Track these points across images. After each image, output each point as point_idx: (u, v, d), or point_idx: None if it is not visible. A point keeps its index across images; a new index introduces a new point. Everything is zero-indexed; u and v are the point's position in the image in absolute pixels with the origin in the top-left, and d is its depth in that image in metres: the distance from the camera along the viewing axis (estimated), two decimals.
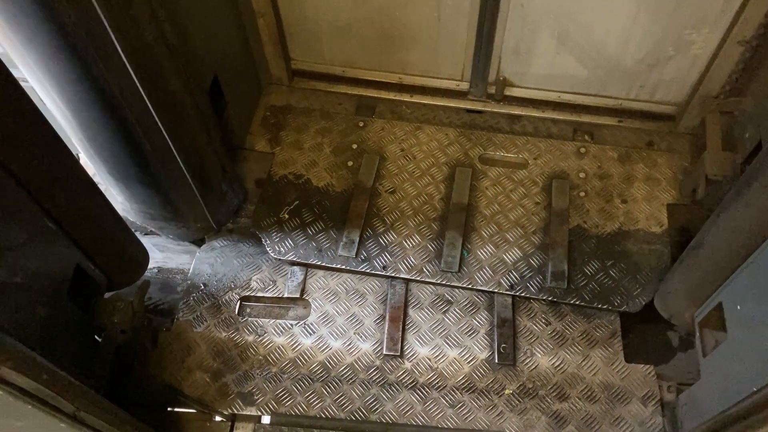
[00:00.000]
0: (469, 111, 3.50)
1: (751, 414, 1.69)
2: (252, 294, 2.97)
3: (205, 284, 3.00)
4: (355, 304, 2.92)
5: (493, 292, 2.90)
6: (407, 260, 2.97)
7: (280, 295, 2.96)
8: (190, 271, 3.05)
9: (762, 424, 1.62)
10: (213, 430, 2.65)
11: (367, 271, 2.95)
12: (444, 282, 2.91)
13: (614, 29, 2.96)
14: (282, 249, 3.00)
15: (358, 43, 3.34)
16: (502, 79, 3.36)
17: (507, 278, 2.90)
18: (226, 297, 2.95)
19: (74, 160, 2.26)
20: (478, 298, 2.92)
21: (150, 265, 2.90)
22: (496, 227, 3.06)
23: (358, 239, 3.01)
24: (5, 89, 1.87)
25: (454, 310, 2.89)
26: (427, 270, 2.93)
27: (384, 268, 2.95)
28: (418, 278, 2.92)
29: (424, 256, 2.98)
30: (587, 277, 2.88)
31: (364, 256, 2.98)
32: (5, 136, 1.88)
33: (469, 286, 2.89)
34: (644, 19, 2.87)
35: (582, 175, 3.22)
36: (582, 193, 3.15)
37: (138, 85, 2.12)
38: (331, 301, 2.93)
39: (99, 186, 2.41)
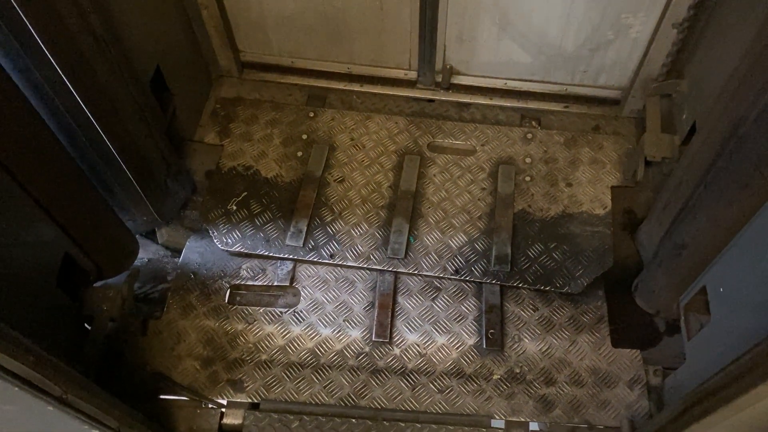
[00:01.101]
0: (418, 99, 3.53)
1: (726, 386, 1.73)
2: (242, 282, 2.97)
3: (194, 273, 3.00)
4: (344, 291, 2.94)
5: (439, 277, 2.92)
6: (354, 248, 2.98)
7: (270, 284, 2.97)
8: (180, 260, 3.05)
9: (737, 394, 1.66)
10: (203, 417, 2.65)
11: (315, 259, 2.96)
12: (390, 269, 2.93)
13: (553, 14, 2.99)
14: (229, 240, 3.00)
15: (304, 34, 3.35)
16: (448, 67, 3.39)
17: (452, 263, 2.93)
18: (216, 285, 2.96)
19: (62, 148, 2.27)
20: (466, 285, 2.94)
21: (140, 255, 2.92)
22: (442, 213, 3.09)
23: (305, 229, 3.02)
24: None
25: (443, 296, 2.92)
26: (374, 257, 2.95)
27: (331, 256, 2.97)
28: (365, 266, 2.94)
29: (372, 244, 3.00)
30: (530, 260, 2.92)
31: (312, 245, 2.99)
32: None
33: (415, 272, 2.92)
34: (581, 3, 2.91)
35: (528, 160, 3.25)
36: (528, 178, 3.19)
37: (64, 78, 2.11)
38: (320, 288, 2.94)
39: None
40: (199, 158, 3.33)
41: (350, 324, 2.85)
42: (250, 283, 2.98)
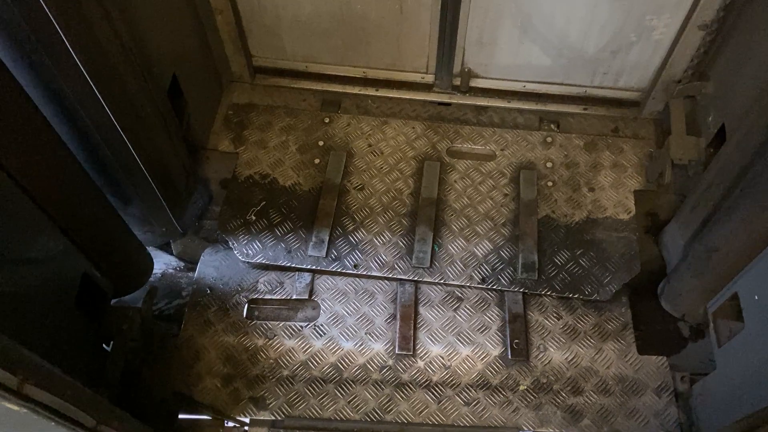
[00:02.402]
0: (435, 103, 3.47)
1: None
2: (259, 297, 2.92)
3: (211, 288, 2.94)
4: (364, 303, 2.89)
5: (465, 286, 2.88)
6: (378, 258, 2.93)
7: (289, 297, 2.91)
8: (195, 274, 2.99)
9: None
10: None
11: (339, 270, 2.91)
12: (416, 278, 2.88)
13: (576, 17, 2.95)
14: (250, 251, 2.94)
15: (320, 38, 3.28)
16: (467, 70, 3.34)
17: (478, 272, 2.89)
18: (234, 300, 2.90)
19: (80, 168, 2.22)
20: (488, 294, 2.90)
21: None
22: (466, 220, 3.04)
23: (327, 238, 2.97)
24: (12, 100, 1.83)
25: (465, 307, 2.87)
26: (399, 267, 2.90)
27: (355, 266, 2.91)
28: (389, 275, 2.89)
29: (396, 253, 2.95)
30: (557, 267, 2.89)
31: (335, 255, 2.94)
32: (11, 144, 1.84)
33: (441, 281, 2.87)
34: (605, 5, 2.86)
35: (549, 164, 3.22)
36: (550, 183, 3.15)
37: (94, 88, 2.04)
38: (340, 301, 2.89)
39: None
40: (213, 166, 3.26)
41: (372, 337, 2.81)
42: (268, 297, 2.92)
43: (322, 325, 2.83)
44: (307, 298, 2.90)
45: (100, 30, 2.04)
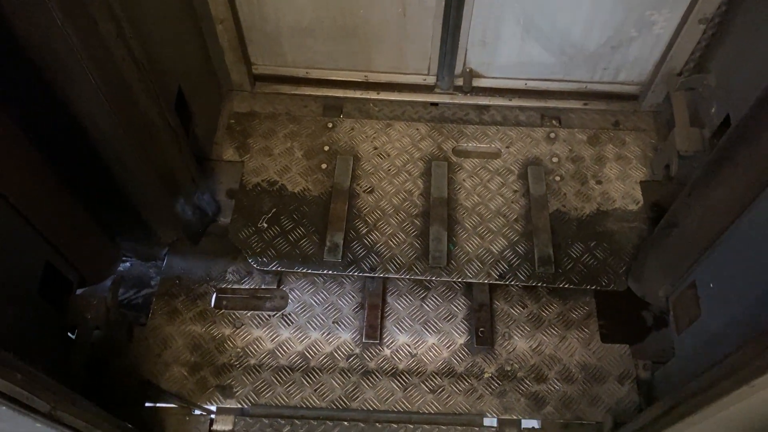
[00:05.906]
0: (437, 104, 3.49)
1: (709, 388, 1.76)
2: (228, 286, 2.95)
3: (179, 278, 2.97)
4: (333, 293, 2.95)
5: (485, 283, 2.90)
6: (395, 259, 2.93)
7: (257, 287, 2.95)
8: (164, 264, 3.00)
9: (723, 393, 1.69)
10: (192, 424, 2.63)
11: (356, 274, 2.90)
12: (435, 278, 2.89)
13: (578, 15, 2.99)
14: (265, 259, 2.92)
15: (321, 44, 3.28)
16: (468, 70, 3.36)
17: (496, 268, 2.91)
18: (202, 290, 2.94)
19: (41, 159, 2.18)
20: (455, 284, 2.95)
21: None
22: (478, 218, 3.06)
23: (342, 242, 2.96)
24: None
25: (432, 296, 2.93)
26: (417, 268, 2.91)
27: (372, 269, 2.91)
28: (408, 276, 2.89)
29: (412, 254, 2.95)
30: (573, 260, 2.92)
31: (351, 259, 2.93)
32: None
33: (460, 280, 2.89)
34: (607, 2, 2.91)
35: (555, 159, 3.25)
36: (557, 178, 3.19)
37: (108, 106, 2.01)
38: (308, 291, 2.95)
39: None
40: (218, 177, 3.23)
41: (340, 326, 2.86)
42: (236, 286, 2.97)
43: (290, 314, 2.88)
44: (275, 287, 2.93)
45: (115, 49, 2.00)
